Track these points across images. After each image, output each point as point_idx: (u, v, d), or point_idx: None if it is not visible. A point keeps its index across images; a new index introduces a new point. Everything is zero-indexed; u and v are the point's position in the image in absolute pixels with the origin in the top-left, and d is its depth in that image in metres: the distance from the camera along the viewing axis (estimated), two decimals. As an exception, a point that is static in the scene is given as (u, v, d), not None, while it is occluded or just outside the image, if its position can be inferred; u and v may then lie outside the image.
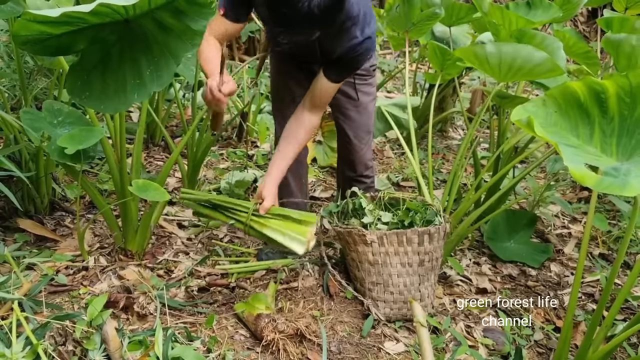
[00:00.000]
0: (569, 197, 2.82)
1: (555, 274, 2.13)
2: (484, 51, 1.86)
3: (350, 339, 1.61)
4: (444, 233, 1.68)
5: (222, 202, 1.73)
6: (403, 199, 1.84)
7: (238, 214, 1.71)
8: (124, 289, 1.70)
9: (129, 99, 1.39)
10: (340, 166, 2.06)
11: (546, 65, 1.80)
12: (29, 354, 1.27)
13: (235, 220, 1.70)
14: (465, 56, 1.97)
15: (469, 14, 2.74)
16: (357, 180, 2.02)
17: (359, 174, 2.00)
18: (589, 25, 6.54)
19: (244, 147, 3.09)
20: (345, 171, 2.03)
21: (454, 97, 3.54)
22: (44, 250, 1.88)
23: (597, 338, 1.40)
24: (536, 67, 1.82)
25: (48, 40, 1.30)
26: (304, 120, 1.73)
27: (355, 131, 1.92)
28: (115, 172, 1.78)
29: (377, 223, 1.74)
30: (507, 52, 1.82)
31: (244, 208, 1.70)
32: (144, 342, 1.43)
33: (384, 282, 1.68)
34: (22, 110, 1.70)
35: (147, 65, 1.38)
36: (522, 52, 1.80)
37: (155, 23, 1.33)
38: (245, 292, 1.77)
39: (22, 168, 1.97)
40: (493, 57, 1.86)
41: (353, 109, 1.88)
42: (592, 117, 1.24)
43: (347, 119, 1.90)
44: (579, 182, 1.02)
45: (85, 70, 1.41)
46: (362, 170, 1.99)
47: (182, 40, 1.36)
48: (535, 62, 1.80)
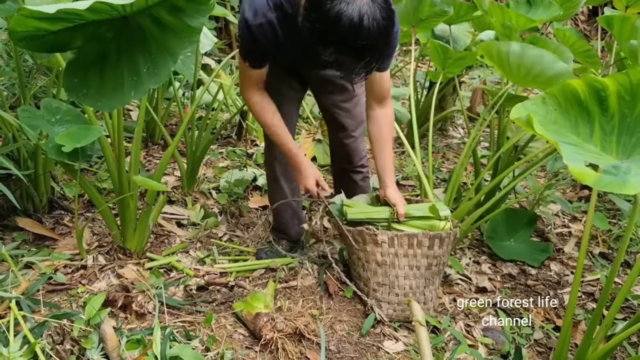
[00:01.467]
0: (569, 196, 2.82)
1: (555, 273, 2.12)
2: (507, 49, 1.81)
3: (350, 338, 1.60)
4: (453, 238, 1.67)
5: (365, 219, 1.73)
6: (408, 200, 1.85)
7: (378, 225, 1.73)
8: (123, 288, 1.69)
9: (126, 97, 1.39)
10: (336, 161, 2.05)
11: (564, 77, 1.75)
12: (27, 352, 1.26)
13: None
14: (486, 52, 1.93)
15: (469, 12, 2.73)
16: (354, 172, 2.01)
17: (355, 164, 1.99)
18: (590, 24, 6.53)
19: (243, 146, 3.09)
20: (342, 164, 2.02)
21: (454, 95, 3.54)
22: (42, 248, 1.87)
23: (597, 337, 1.40)
24: (555, 77, 1.78)
25: (45, 37, 1.30)
26: (379, 119, 1.73)
27: (352, 122, 1.92)
28: (113, 170, 1.78)
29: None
30: (530, 55, 1.78)
31: (383, 219, 1.72)
32: (142, 341, 1.43)
33: (389, 283, 1.67)
34: (20, 108, 1.69)
35: (145, 62, 1.38)
36: (545, 58, 1.75)
37: (152, 20, 1.33)
38: (244, 291, 1.77)
39: (20, 166, 1.97)
40: (515, 57, 1.81)
41: (349, 101, 1.87)
42: (592, 115, 1.23)
43: (344, 111, 1.89)
44: (579, 180, 1.02)
45: (82, 68, 1.40)
46: (358, 160, 1.98)
47: (180, 37, 1.36)
48: (555, 72, 1.77)
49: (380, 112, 1.73)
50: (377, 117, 1.73)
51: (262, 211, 2.39)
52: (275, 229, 2.01)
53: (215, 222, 2.22)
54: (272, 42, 1.50)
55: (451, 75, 2.64)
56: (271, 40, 1.49)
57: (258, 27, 1.46)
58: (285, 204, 1.93)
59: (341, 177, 2.05)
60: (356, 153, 1.97)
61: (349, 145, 1.95)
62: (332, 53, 1.33)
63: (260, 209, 2.41)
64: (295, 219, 1.99)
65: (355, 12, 1.24)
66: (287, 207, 1.95)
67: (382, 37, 1.29)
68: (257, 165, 2.85)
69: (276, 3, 1.45)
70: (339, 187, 2.08)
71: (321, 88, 1.87)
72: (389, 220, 1.70)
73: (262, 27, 1.46)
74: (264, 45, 1.51)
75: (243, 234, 2.20)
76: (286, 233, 1.99)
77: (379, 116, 1.73)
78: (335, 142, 1.99)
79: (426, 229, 1.68)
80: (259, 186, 2.59)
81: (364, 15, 1.24)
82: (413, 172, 2.91)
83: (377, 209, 1.75)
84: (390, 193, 1.73)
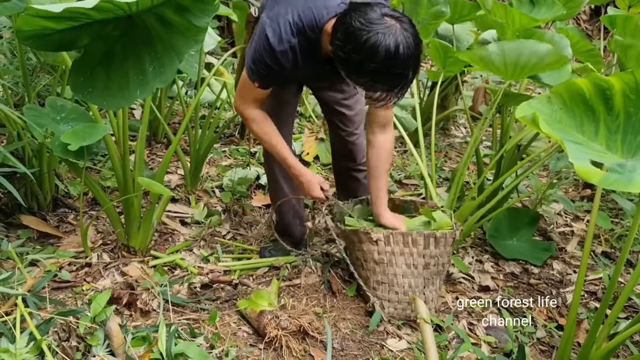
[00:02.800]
0: (572, 195, 2.82)
1: (557, 272, 2.13)
2: (487, 52, 1.85)
3: (353, 336, 1.61)
4: (452, 239, 1.67)
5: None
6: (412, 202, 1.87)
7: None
8: (127, 286, 1.70)
9: (132, 96, 1.39)
10: (339, 161, 2.05)
11: (551, 57, 1.79)
12: (33, 349, 1.27)
13: None
14: (470, 59, 1.97)
15: (472, 11, 2.73)
16: (356, 170, 2.00)
17: (358, 162, 1.98)
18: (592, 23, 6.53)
19: (246, 145, 3.09)
20: (344, 163, 2.01)
21: (456, 95, 3.54)
22: (47, 246, 1.88)
23: (600, 336, 1.40)
24: (541, 60, 1.81)
25: (51, 36, 1.30)
26: (380, 145, 1.72)
27: (354, 120, 1.92)
28: (118, 169, 1.78)
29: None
30: (510, 50, 1.82)
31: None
32: (148, 338, 1.43)
33: (388, 281, 1.68)
34: (25, 106, 1.70)
35: (150, 61, 1.38)
36: (526, 47, 1.79)
37: (158, 19, 1.34)
38: (248, 289, 1.77)
39: (25, 165, 1.97)
40: (497, 57, 1.85)
41: (350, 98, 1.87)
42: (598, 114, 1.24)
43: (347, 109, 1.89)
44: (584, 178, 1.02)
45: (88, 67, 1.41)
46: (361, 158, 1.97)
47: (185, 36, 1.37)
48: (540, 55, 1.79)
49: (382, 137, 1.71)
50: (377, 143, 1.72)
51: (265, 209, 2.40)
52: (278, 231, 2.01)
53: (219, 221, 2.23)
54: (292, 67, 1.49)
55: (452, 74, 2.64)
56: (291, 64, 1.49)
57: (282, 53, 1.46)
58: (286, 204, 1.93)
59: (344, 176, 2.05)
60: (359, 151, 1.97)
61: (351, 142, 1.95)
62: (368, 81, 1.35)
63: (264, 208, 2.42)
64: (297, 219, 1.99)
65: (392, 42, 1.27)
66: (288, 207, 1.95)
67: (415, 65, 1.34)
68: (260, 163, 2.85)
69: (299, 28, 1.45)
70: (341, 185, 2.09)
71: (321, 87, 1.87)
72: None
73: (286, 53, 1.46)
74: (282, 70, 1.50)
75: (246, 232, 2.20)
76: (289, 234, 1.99)
77: (380, 142, 1.71)
78: (337, 140, 1.99)
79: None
80: (262, 185, 2.60)
81: (399, 45, 1.28)
82: (416, 171, 2.92)
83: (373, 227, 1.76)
84: (387, 220, 1.72)
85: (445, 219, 1.75)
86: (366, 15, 1.30)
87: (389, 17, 1.31)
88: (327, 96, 1.88)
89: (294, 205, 1.96)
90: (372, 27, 1.28)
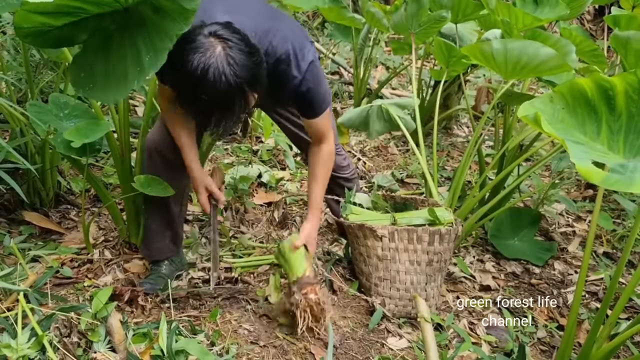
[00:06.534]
0: (574, 196, 2.81)
1: (559, 272, 2.12)
2: (490, 48, 1.85)
3: (354, 335, 1.61)
4: (455, 236, 1.68)
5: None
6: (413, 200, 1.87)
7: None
8: (129, 282, 1.70)
9: (129, 87, 1.38)
10: None
11: (553, 62, 1.78)
12: (34, 345, 1.28)
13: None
14: (471, 53, 1.96)
15: (475, 10, 2.72)
16: (339, 177, 1.92)
17: (334, 170, 1.81)
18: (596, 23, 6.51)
19: (248, 142, 3.10)
20: None
21: (458, 94, 3.53)
22: (49, 242, 1.89)
23: (601, 336, 1.40)
24: (543, 64, 1.81)
25: (50, 32, 1.30)
26: (314, 155, 1.67)
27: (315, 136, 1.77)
28: (119, 165, 1.79)
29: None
30: (513, 49, 1.82)
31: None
32: (149, 334, 1.44)
33: (391, 278, 1.68)
34: (28, 103, 1.70)
35: (147, 51, 1.35)
36: (529, 48, 1.79)
37: (152, 8, 1.32)
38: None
39: (28, 161, 1.97)
40: (499, 54, 1.85)
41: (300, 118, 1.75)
42: (600, 114, 1.23)
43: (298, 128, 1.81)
44: (586, 178, 1.02)
45: (88, 62, 1.40)
46: (337, 167, 1.85)
47: (176, 20, 1.33)
48: (541, 59, 1.79)
49: (316, 148, 1.66)
50: (312, 153, 1.67)
51: (267, 207, 2.40)
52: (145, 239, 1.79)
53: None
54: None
55: (455, 73, 2.64)
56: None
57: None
58: (158, 214, 1.73)
59: (333, 184, 1.90)
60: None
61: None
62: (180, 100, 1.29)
63: (265, 206, 2.42)
64: (168, 230, 1.77)
65: (202, 64, 1.18)
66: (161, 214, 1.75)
67: (229, 95, 1.21)
68: (262, 161, 2.86)
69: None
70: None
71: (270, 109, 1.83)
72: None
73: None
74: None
75: (248, 230, 2.20)
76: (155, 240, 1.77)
77: (314, 152, 1.66)
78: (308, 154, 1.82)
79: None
80: (264, 183, 2.60)
81: (209, 67, 1.18)
82: (417, 170, 2.92)
83: (378, 216, 1.75)
84: (304, 227, 1.65)
85: (447, 215, 1.75)
86: (191, 34, 1.23)
87: (214, 37, 1.22)
88: (277, 114, 1.82)
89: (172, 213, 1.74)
90: (189, 46, 1.21)
